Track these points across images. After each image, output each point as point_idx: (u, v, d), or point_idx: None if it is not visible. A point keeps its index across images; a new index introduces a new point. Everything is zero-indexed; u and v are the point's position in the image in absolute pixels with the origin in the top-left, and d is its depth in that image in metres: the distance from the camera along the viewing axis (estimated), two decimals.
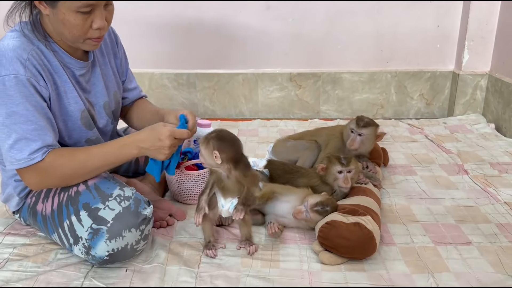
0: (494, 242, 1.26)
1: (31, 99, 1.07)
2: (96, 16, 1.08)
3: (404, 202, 1.50)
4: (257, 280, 1.11)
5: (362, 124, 1.55)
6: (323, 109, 2.57)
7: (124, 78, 1.43)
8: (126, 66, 1.43)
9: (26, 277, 1.12)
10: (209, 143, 1.14)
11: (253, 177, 1.19)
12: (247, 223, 1.23)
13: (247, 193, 1.17)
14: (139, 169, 1.60)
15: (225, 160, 1.13)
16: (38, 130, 1.07)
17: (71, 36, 1.10)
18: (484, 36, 2.34)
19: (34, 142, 1.07)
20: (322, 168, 1.41)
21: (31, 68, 1.07)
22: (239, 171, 1.15)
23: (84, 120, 1.21)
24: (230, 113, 2.61)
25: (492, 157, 1.87)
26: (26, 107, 1.06)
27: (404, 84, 2.50)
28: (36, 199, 1.22)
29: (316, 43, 2.48)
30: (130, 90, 1.46)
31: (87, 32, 1.10)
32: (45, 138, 1.08)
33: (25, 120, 1.06)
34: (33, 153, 1.07)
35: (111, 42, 1.35)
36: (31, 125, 1.06)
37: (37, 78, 1.08)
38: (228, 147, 1.14)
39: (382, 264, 1.16)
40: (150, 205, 1.16)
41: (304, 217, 1.25)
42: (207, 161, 1.16)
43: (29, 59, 1.07)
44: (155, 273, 1.13)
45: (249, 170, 1.18)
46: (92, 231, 1.09)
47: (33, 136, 1.07)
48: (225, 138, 1.15)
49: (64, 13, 1.05)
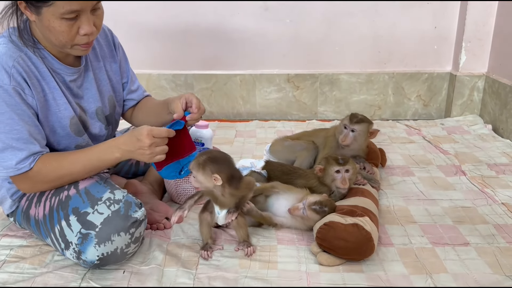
0: (492, 243, 1.26)
1: (16, 108, 1.06)
2: (83, 22, 1.05)
3: (402, 203, 1.50)
4: (255, 281, 1.11)
5: (356, 120, 1.56)
6: (320, 110, 2.57)
7: (125, 80, 1.40)
8: (127, 67, 1.40)
9: (23, 279, 1.11)
10: (206, 168, 1.13)
11: (246, 185, 1.20)
12: (241, 225, 1.24)
13: (241, 199, 1.20)
14: (139, 170, 1.59)
15: (225, 180, 1.15)
16: (24, 139, 1.07)
17: (58, 43, 1.08)
18: (481, 37, 2.35)
19: (20, 151, 1.07)
20: (320, 169, 1.41)
21: (16, 76, 1.06)
22: (232, 188, 1.17)
23: (73, 127, 1.20)
24: (228, 114, 2.61)
25: (490, 158, 1.87)
26: (11, 116, 1.05)
27: (402, 85, 2.51)
28: (29, 203, 1.22)
29: (314, 44, 2.48)
30: (134, 91, 1.43)
31: (74, 38, 1.07)
32: (31, 147, 1.09)
33: (10, 129, 1.06)
34: (20, 163, 1.08)
35: (108, 45, 1.33)
36: (16, 134, 1.06)
37: (22, 87, 1.07)
38: (225, 167, 1.15)
39: (380, 265, 1.16)
40: (141, 207, 1.15)
41: (300, 214, 1.25)
42: (204, 185, 1.16)
43: (15, 67, 1.06)
44: (153, 274, 1.12)
45: (241, 182, 1.19)
46: (81, 236, 1.08)
47: (19, 145, 1.07)
48: (219, 159, 1.16)
49: (49, 20, 1.03)
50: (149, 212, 1.33)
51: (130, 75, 1.42)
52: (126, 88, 1.41)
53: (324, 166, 1.41)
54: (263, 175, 1.50)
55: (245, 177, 1.22)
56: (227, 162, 1.17)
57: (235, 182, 1.17)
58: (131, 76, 1.42)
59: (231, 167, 1.17)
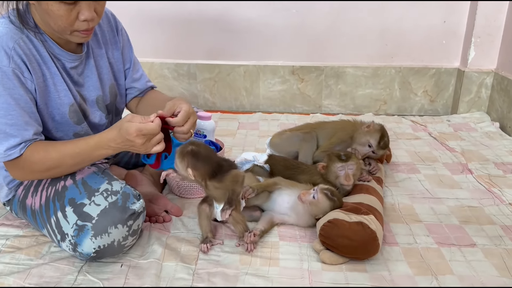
0: (499, 244, 1.23)
1: (13, 92, 1.02)
2: (83, 7, 1.01)
3: (407, 201, 1.47)
4: (256, 278, 1.08)
5: (383, 145, 1.52)
6: (325, 103, 2.53)
7: (128, 66, 1.35)
8: (130, 53, 1.35)
9: (18, 270, 1.09)
10: (184, 159, 1.11)
11: (232, 178, 1.17)
12: (238, 220, 1.20)
13: (231, 194, 1.17)
14: (139, 161, 1.56)
15: (198, 177, 1.13)
16: (18, 125, 1.03)
17: (57, 28, 1.04)
18: (491, 33, 2.29)
19: (12, 137, 1.03)
20: (323, 167, 1.38)
21: (16, 58, 1.02)
22: (215, 181, 1.15)
23: (72, 114, 1.16)
24: (231, 105, 2.57)
25: (497, 157, 1.84)
26: (7, 100, 1.01)
27: (408, 80, 2.46)
28: (26, 192, 1.19)
29: (319, 36, 2.43)
30: (137, 80, 1.38)
31: (74, 24, 1.03)
32: (24, 133, 1.04)
33: (4, 114, 1.02)
34: (10, 149, 1.04)
35: (111, 30, 1.28)
36: (11, 120, 1.02)
37: (22, 70, 1.03)
38: (202, 165, 1.12)
39: (384, 265, 1.13)
40: (140, 199, 1.12)
41: (310, 199, 1.22)
42: (181, 173, 1.14)
43: (15, 48, 1.02)
44: (151, 269, 1.10)
45: (227, 175, 1.16)
46: (77, 228, 1.05)
47: (12, 131, 1.03)
48: (199, 156, 1.12)
49: (47, 3, 0.99)
50: (148, 204, 1.30)
51: (133, 62, 1.36)
52: (129, 75, 1.36)
53: (326, 163, 1.37)
54: (266, 169, 1.47)
55: (233, 170, 1.18)
56: (208, 161, 1.13)
57: (219, 176, 1.15)
58: (134, 63, 1.37)
59: (211, 164, 1.14)
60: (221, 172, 1.16)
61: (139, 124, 1.01)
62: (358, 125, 1.60)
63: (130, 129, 1.01)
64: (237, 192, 1.19)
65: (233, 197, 1.17)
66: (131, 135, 1.01)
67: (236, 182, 1.17)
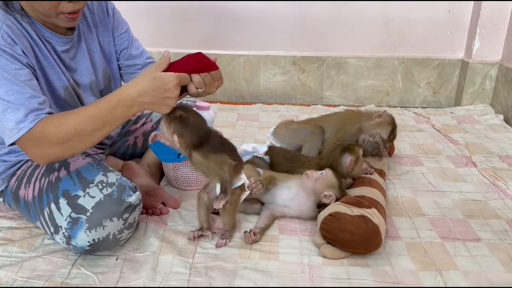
0: (504, 239, 1.20)
1: (8, 68, 0.97)
2: None
3: (410, 194, 1.44)
4: (255, 273, 1.05)
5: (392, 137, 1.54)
6: (326, 94, 2.49)
7: (126, 45, 1.29)
8: (126, 33, 1.29)
9: (10, 263, 1.05)
10: (171, 125, 1.04)
11: (218, 161, 1.09)
12: (227, 212, 1.14)
13: (221, 180, 1.10)
14: (136, 152, 1.53)
15: (183, 145, 1.06)
16: (21, 98, 0.96)
17: (42, 9, 0.99)
18: (497, 23, 2.25)
19: (18, 110, 0.95)
20: (350, 163, 1.35)
21: (6, 37, 0.97)
22: (199, 154, 1.07)
23: (68, 97, 1.12)
24: (230, 96, 2.53)
25: (501, 150, 1.80)
26: (4, 76, 0.96)
27: (411, 71, 2.42)
28: (18, 183, 1.15)
29: (321, 26, 2.38)
30: (137, 56, 1.32)
31: (58, 5, 0.98)
32: (29, 105, 0.96)
33: (5, 90, 0.96)
34: (19, 123, 0.95)
35: (102, 12, 1.23)
36: (12, 94, 0.96)
37: (14, 48, 0.98)
38: (189, 134, 1.05)
39: (387, 260, 1.10)
40: (136, 191, 1.07)
41: (317, 176, 1.21)
42: (166, 138, 1.08)
43: (3, 28, 0.98)
44: (147, 262, 1.07)
45: (212, 155, 1.08)
46: (71, 220, 1.02)
47: (17, 104, 0.96)
48: (188, 122, 1.04)
49: None
50: (145, 196, 1.26)
51: (131, 40, 1.31)
52: (128, 53, 1.30)
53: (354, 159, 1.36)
54: (266, 161, 1.44)
55: (221, 154, 1.10)
56: (195, 129, 1.06)
57: (205, 149, 1.07)
58: (132, 42, 1.31)
59: (197, 133, 1.06)
60: (211, 147, 1.08)
61: (175, 73, 0.95)
62: (365, 115, 1.56)
63: (171, 77, 0.94)
64: (226, 180, 1.10)
65: (226, 186, 1.10)
66: (172, 83, 0.94)
67: (221, 169, 1.09)
